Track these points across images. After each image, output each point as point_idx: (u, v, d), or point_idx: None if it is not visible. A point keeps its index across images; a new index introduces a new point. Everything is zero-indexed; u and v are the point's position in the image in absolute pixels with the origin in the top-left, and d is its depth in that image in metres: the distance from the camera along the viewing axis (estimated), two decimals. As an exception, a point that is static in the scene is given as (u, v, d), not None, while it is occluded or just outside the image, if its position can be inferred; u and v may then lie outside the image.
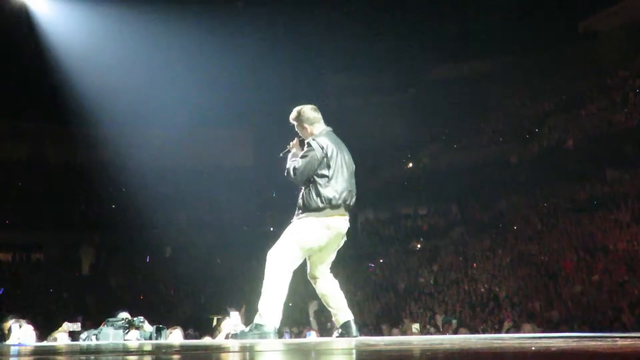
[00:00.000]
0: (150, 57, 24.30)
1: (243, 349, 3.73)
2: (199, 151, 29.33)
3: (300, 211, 5.15)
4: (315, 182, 5.08)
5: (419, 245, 24.66)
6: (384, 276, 22.72)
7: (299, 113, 5.38)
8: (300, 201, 5.16)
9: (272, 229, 24.09)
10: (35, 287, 22.33)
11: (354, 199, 5.20)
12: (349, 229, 5.32)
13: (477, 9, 26.63)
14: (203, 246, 25.53)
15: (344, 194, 5.09)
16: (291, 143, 5.43)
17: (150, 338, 6.72)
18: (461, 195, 25.22)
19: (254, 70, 26.33)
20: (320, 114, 5.45)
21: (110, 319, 6.60)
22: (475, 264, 20.51)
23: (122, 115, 25.15)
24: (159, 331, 6.33)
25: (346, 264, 24.40)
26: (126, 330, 6.42)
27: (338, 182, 5.08)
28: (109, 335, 6.45)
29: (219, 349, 3.92)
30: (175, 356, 3.22)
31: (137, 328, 6.54)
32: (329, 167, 5.08)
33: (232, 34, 24.13)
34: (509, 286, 17.87)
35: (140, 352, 3.80)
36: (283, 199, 28.49)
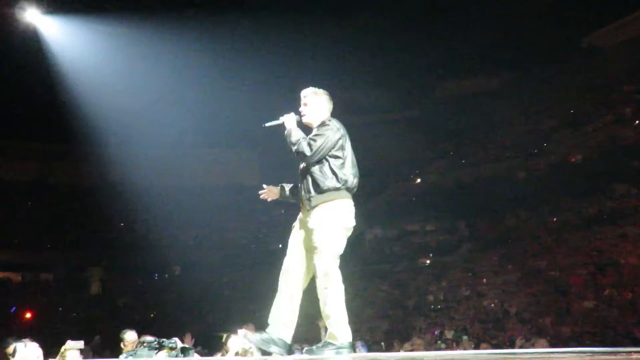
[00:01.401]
0: (157, 77, 24.44)
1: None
2: (206, 170, 29.43)
3: (312, 194, 4.95)
4: (328, 163, 4.94)
5: (427, 262, 24.57)
6: (393, 293, 22.63)
7: (316, 92, 5.28)
8: (310, 185, 4.96)
9: (280, 245, 24.06)
10: (44, 307, 22.32)
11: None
12: (355, 245, 5.25)
13: (481, 26, 26.72)
14: (210, 265, 25.51)
15: (356, 180, 5.05)
16: (285, 115, 5.19)
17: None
18: (469, 211, 25.16)
19: (259, 89, 26.46)
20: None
21: (144, 340, 6.57)
22: (484, 280, 20.42)
23: (128, 135, 25.28)
24: (184, 352, 6.29)
25: (354, 281, 24.35)
26: (156, 352, 6.41)
27: (351, 167, 5.03)
28: (143, 357, 6.40)
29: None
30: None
31: (172, 349, 6.51)
32: (343, 149, 4.99)
33: (238, 53, 24.29)
34: (519, 302, 17.78)
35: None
36: (291, 217, 28.50)
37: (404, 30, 26.69)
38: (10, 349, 7.11)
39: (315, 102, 5.19)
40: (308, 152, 4.87)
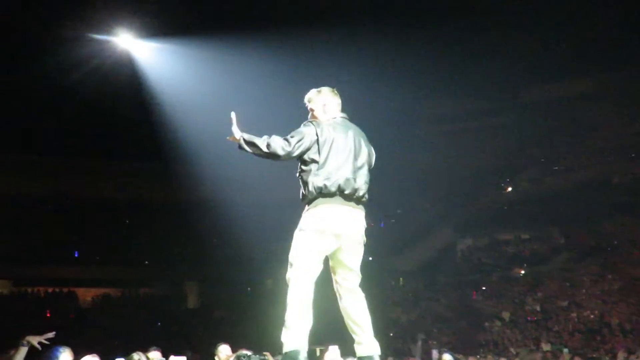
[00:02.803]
0: (245, 94, 24.94)
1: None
2: (298, 184, 29.71)
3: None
4: (303, 168, 4.53)
5: (522, 272, 23.99)
6: (487, 304, 22.21)
7: (319, 91, 4.85)
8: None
9: (370, 258, 24.00)
10: (143, 322, 23.07)
11: (360, 191, 4.50)
12: (446, 256, 4.95)
13: (571, 28, 25.95)
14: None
15: (343, 181, 4.43)
16: (232, 115, 4.70)
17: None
18: (564, 219, 24.42)
19: (344, 100, 26.56)
20: (339, 99, 4.88)
21: (240, 354, 6.67)
22: (583, 290, 19.76)
23: (220, 152, 25.83)
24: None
25: (446, 292, 24.05)
26: None
27: (336, 168, 4.44)
28: None
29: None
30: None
31: None
32: (319, 152, 4.45)
33: (320, 68, 24.51)
34: (620, 312, 17.11)
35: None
36: (388, 229, 28.52)
37: (490, 35, 26.27)
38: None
39: (317, 101, 4.80)
40: (281, 152, 4.42)
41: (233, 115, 4.73)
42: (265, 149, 4.47)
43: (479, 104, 30.74)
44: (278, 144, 4.44)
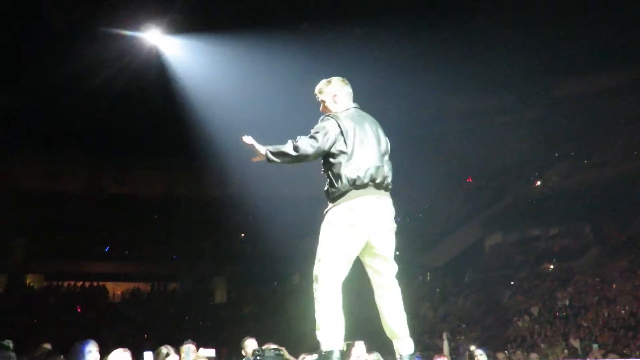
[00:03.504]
0: (274, 90, 24.97)
1: None
2: (324, 181, 29.67)
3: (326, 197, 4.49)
4: (330, 162, 4.44)
5: (551, 267, 23.75)
6: (516, 300, 22.03)
7: (328, 81, 4.74)
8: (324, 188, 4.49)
9: (397, 253, 23.92)
10: (172, 316, 23.30)
11: (388, 178, 4.46)
12: (475, 252, 4.82)
13: (603, 21, 25.56)
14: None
15: (373, 171, 4.38)
16: (247, 139, 4.55)
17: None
18: (594, 214, 24.12)
19: (373, 96, 26.47)
20: (349, 88, 4.73)
21: (258, 350, 6.68)
22: (614, 286, 19.51)
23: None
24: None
25: (475, 288, 23.91)
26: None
27: (361, 160, 4.39)
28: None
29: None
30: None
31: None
32: (345, 143, 4.38)
33: (352, 63, 24.44)
34: (652, 309, 16.88)
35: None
36: (416, 224, 28.39)
37: (521, 29, 26.00)
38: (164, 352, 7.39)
39: (328, 92, 4.69)
40: (310, 151, 4.36)
41: (247, 139, 4.57)
42: (293, 153, 4.42)
43: (509, 99, 30.47)
44: (306, 143, 4.39)
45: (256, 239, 26.70)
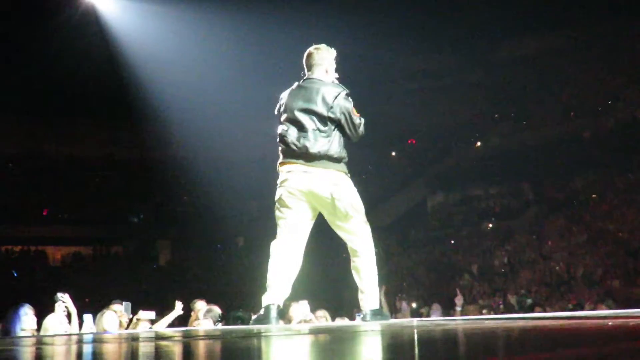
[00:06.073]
0: (220, 51, 24.59)
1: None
2: (269, 141, 29.50)
3: (324, 160, 4.62)
4: (342, 132, 4.73)
5: (491, 225, 24.31)
6: (457, 258, 22.51)
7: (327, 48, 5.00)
8: (319, 146, 4.61)
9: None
10: (114, 280, 23.06)
11: None
12: (418, 212, 5.13)
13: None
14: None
15: (286, 137, 4.84)
16: None
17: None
18: (533, 174, 24.71)
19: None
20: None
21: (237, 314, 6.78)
22: (550, 243, 20.10)
23: (192, 109, 25.61)
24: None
25: (417, 248, 24.33)
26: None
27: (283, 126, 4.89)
28: None
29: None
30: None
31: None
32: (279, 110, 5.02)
33: (295, 25, 24.20)
34: (586, 264, 17.46)
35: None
36: (360, 185, 28.47)
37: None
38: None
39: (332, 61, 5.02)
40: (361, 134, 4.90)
41: None
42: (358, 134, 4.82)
43: (449, 61, 30.69)
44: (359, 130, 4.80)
45: (200, 201, 26.54)
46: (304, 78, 4.95)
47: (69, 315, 6.91)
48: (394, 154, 31.80)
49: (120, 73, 23.64)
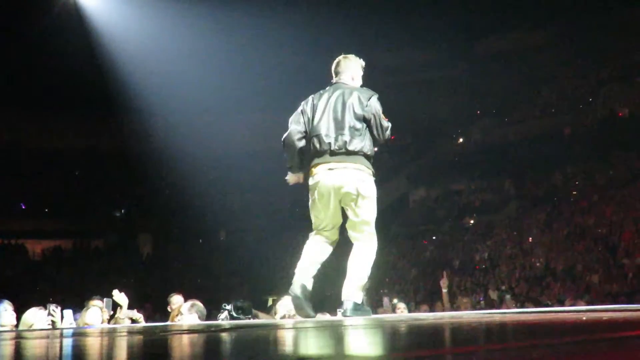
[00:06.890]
0: (202, 43, 24.49)
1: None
2: (251, 135, 29.52)
3: (358, 156, 4.83)
4: (370, 133, 4.96)
5: (472, 222, 24.43)
6: (438, 253, 22.61)
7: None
8: (355, 143, 4.82)
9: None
10: (95, 274, 22.93)
11: None
12: (400, 206, 5.17)
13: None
14: (256, 230, 25.80)
15: (315, 139, 4.99)
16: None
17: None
18: (514, 170, 24.87)
19: (299, 52, 26.32)
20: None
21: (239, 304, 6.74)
22: (530, 238, 20.23)
23: (174, 102, 25.52)
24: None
25: (398, 242, 24.40)
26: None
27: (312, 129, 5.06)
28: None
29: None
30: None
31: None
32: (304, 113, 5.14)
33: (280, 17, 24.15)
34: (566, 260, 17.60)
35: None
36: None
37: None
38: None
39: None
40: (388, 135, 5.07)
41: None
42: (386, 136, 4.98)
43: (431, 56, 30.80)
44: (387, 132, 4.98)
45: (181, 195, 26.43)
46: (333, 82, 5.19)
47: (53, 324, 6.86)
48: (375, 149, 31.81)
49: (101, 66, 23.50)
